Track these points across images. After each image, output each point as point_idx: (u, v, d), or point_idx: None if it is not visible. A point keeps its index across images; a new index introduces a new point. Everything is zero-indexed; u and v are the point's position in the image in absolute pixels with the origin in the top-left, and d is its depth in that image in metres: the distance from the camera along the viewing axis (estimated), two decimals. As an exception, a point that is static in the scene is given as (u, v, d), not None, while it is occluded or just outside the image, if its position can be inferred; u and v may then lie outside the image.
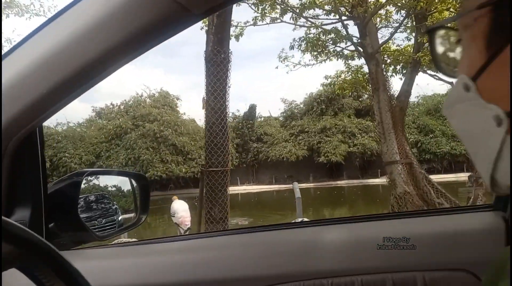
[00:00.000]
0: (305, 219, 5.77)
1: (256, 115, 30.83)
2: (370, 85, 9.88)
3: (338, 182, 27.83)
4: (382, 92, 8.97)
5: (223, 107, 5.81)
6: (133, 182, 1.05)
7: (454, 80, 0.38)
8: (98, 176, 1.06)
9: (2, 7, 12.09)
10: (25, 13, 12.65)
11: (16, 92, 0.58)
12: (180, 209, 7.76)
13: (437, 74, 10.69)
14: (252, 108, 30.32)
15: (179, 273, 0.87)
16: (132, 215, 1.10)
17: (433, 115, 28.10)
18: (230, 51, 5.86)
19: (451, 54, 0.41)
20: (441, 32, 0.40)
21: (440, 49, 0.41)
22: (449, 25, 0.40)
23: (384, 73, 9.61)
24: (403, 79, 10.34)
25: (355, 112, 29.20)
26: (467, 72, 0.35)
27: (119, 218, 1.14)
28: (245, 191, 26.56)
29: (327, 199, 21.28)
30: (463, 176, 17.04)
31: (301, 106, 30.92)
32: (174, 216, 7.77)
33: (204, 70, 5.85)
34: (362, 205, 17.67)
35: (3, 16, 12.23)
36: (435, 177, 10.55)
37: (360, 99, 28.55)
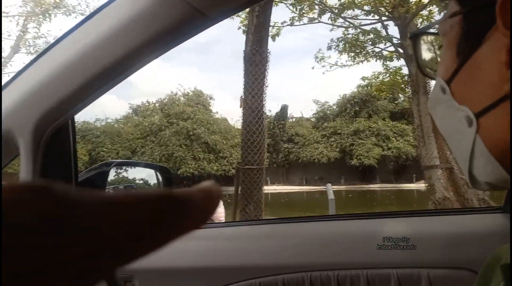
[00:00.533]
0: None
1: (288, 116, 30.77)
2: (409, 87, 9.59)
3: (371, 185, 27.17)
4: (422, 95, 8.67)
5: (260, 106, 5.88)
6: (158, 174, 1.11)
7: None
8: (125, 167, 1.12)
9: (51, 7, 12.83)
10: (71, 13, 13.36)
11: (50, 88, 0.64)
12: (215, 204, 7.88)
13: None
14: (284, 108, 30.28)
15: (208, 258, 0.96)
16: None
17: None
18: (268, 51, 5.91)
19: (434, 58, 0.42)
20: (424, 37, 0.43)
21: (424, 53, 0.43)
22: (431, 31, 0.42)
23: (425, 75, 9.29)
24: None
25: (390, 115, 28.40)
26: (443, 76, 0.37)
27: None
28: (275, 191, 26.53)
29: (360, 202, 20.81)
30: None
31: (334, 107, 30.49)
32: (209, 211, 7.90)
33: (242, 69, 5.93)
34: (397, 209, 17.10)
35: (51, 16, 12.98)
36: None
37: (396, 102, 27.75)
